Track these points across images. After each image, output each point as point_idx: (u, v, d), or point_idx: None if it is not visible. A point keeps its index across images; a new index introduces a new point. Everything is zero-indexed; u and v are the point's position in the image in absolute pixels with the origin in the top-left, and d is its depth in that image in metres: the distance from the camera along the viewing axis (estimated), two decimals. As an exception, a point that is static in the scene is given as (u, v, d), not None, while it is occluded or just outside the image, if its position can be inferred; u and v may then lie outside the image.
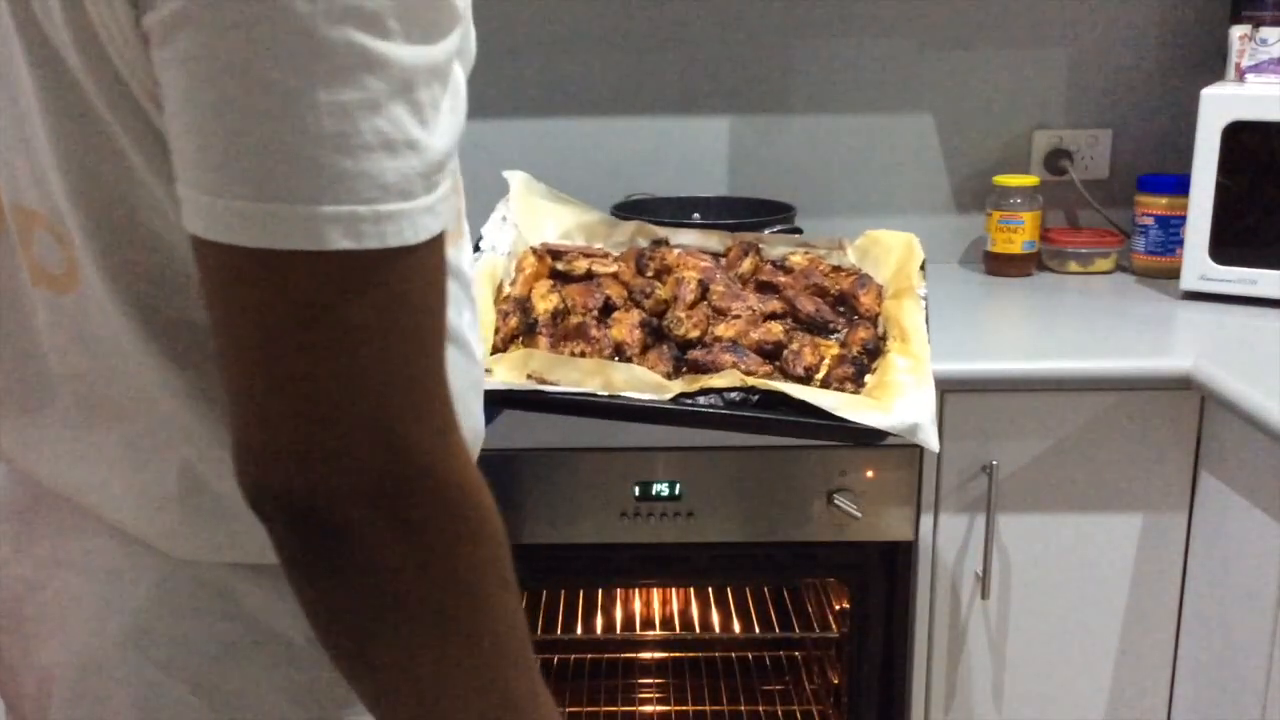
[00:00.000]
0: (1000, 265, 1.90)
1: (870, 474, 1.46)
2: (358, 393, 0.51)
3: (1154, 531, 1.48)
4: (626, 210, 1.80)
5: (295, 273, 0.50)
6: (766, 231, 1.57)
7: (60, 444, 0.68)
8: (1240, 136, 1.64)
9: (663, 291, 1.26)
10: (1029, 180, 1.88)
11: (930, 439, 1.04)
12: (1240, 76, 1.71)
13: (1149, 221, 1.85)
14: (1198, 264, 1.69)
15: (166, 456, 0.64)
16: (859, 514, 1.45)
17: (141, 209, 0.59)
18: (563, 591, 1.89)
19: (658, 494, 1.47)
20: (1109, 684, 1.53)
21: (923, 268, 1.32)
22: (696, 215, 1.82)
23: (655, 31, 1.92)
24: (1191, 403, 1.44)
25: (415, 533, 0.54)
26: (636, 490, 1.47)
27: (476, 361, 0.73)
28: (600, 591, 1.92)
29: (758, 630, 1.87)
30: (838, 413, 1.04)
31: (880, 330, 1.22)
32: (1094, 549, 1.49)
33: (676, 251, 1.36)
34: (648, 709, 1.86)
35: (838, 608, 1.71)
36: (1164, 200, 1.83)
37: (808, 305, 1.24)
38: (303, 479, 0.52)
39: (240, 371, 0.52)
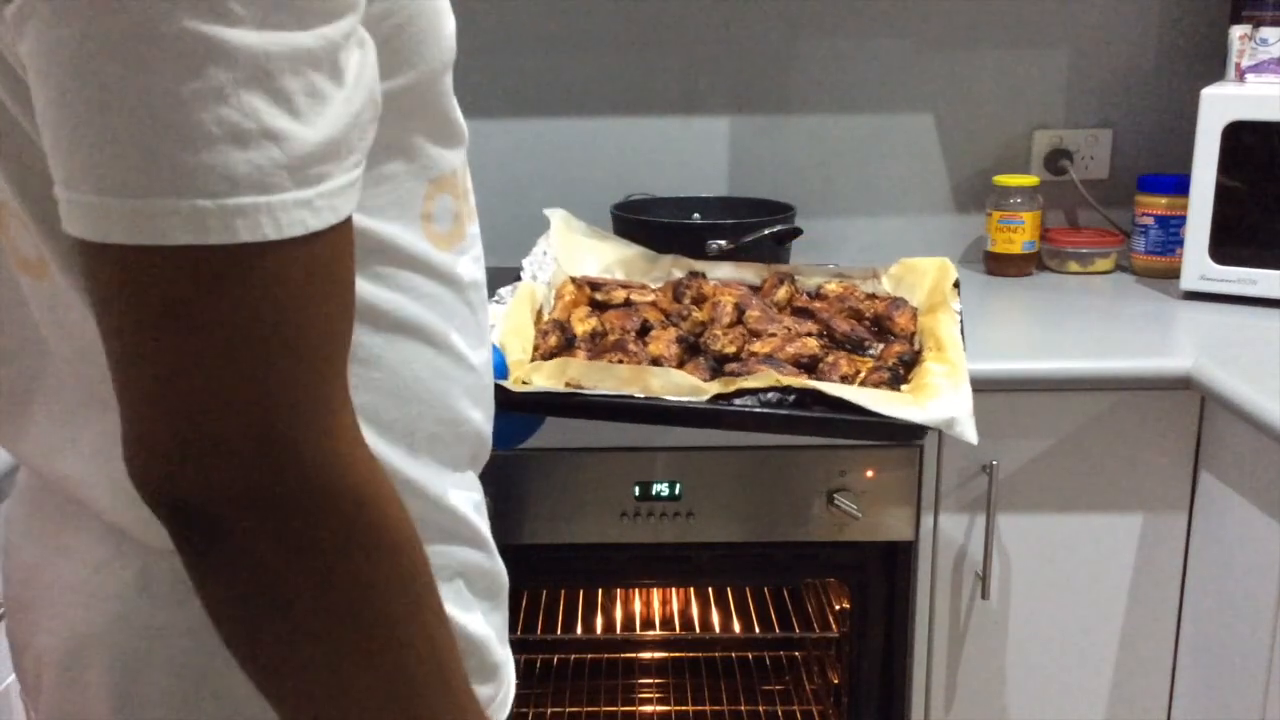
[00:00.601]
0: (1000, 265, 1.90)
1: (870, 474, 1.46)
2: (225, 390, 0.50)
3: (1154, 531, 1.48)
4: (627, 210, 1.80)
5: (146, 268, 0.48)
6: (766, 231, 1.60)
7: (47, 433, 0.68)
8: (1240, 136, 1.64)
9: (700, 314, 1.29)
10: (1029, 180, 1.88)
11: (969, 432, 1.03)
12: (1240, 76, 1.71)
13: (1149, 221, 1.85)
14: (1198, 264, 1.69)
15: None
16: (859, 514, 1.45)
17: None
18: (563, 591, 1.89)
19: (658, 494, 1.47)
20: (1109, 684, 1.54)
21: (956, 285, 1.33)
22: (697, 215, 1.82)
23: (655, 31, 1.92)
24: (1191, 403, 1.44)
25: (294, 539, 0.52)
26: (636, 490, 1.47)
27: (473, 368, 0.72)
28: (600, 591, 1.92)
29: (758, 630, 1.87)
30: (873, 408, 1.03)
31: (916, 345, 1.22)
32: (1094, 549, 1.49)
33: (713, 283, 1.39)
34: (648, 709, 1.86)
35: (838, 608, 1.71)
36: (1164, 200, 1.83)
37: (843, 325, 1.25)
38: (174, 477, 0.51)
39: (116, 369, 0.51)
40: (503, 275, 1.90)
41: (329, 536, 0.52)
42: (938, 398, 1.05)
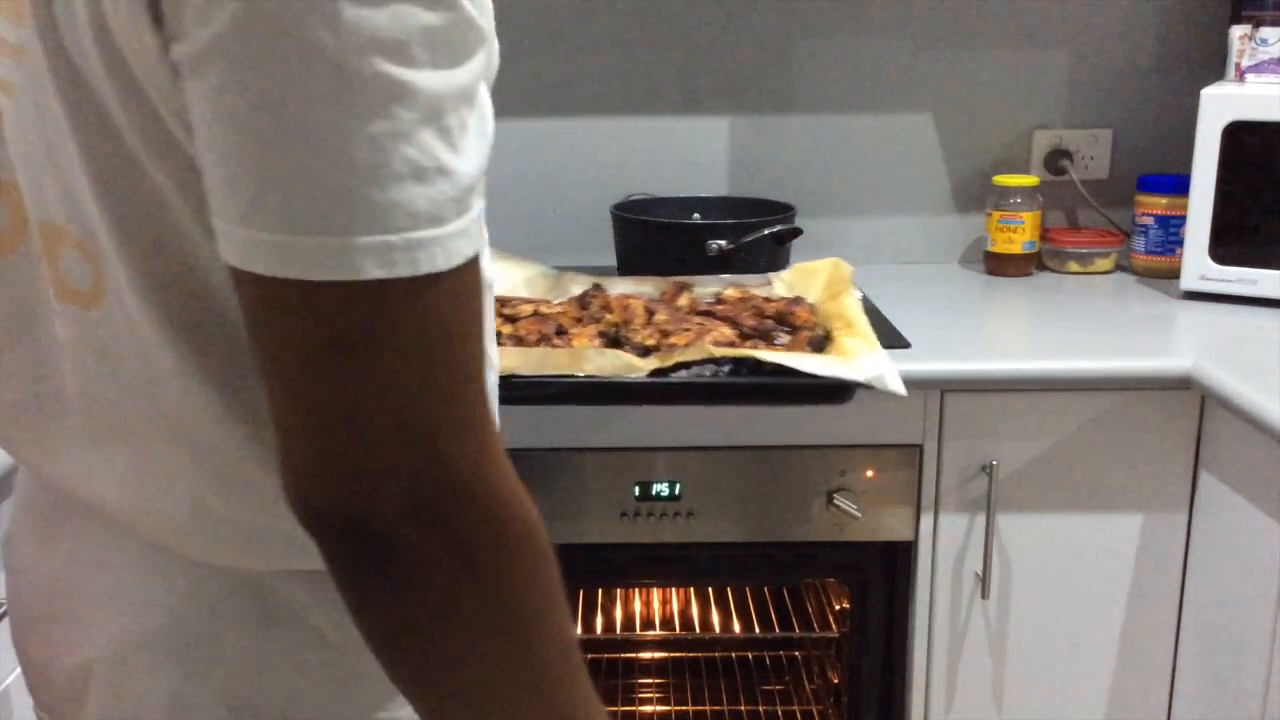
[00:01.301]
0: (1000, 265, 1.90)
1: (870, 474, 1.46)
2: (398, 414, 0.52)
3: (1154, 531, 1.48)
4: (628, 210, 1.80)
5: (331, 301, 0.50)
6: (766, 231, 1.62)
7: (77, 457, 0.68)
8: (1240, 136, 1.64)
9: (613, 316, 1.34)
10: (1029, 180, 1.88)
11: (897, 385, 1.12)
12: (1240, 76, 1.71)
13: (1149, 221, 1.85)
14: (1198, 264, 1.69)
15: (177, 482, 0.65)
16: (859, 514, 1.45)
17: (171, 230, 0.59)
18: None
19: (658, 494, 1.47)
20: (1109, 684, 1.54)
21: (850, 278, 1.38)
22: (697, 215, 1.82)
23: (655, 31, 1.92)
24: (1191, 403, 1.44)
25: (460, 548, 0.54)
26: (636, 490, 1.47)
27: (494, 365, 0.74)
28: (600, 591, 1.92)
29: (758, 630, 1.88)
30: (810, 370, 1.11)
31: (821, 332, 1.29)
32: (1094, 549, 1.49)
33: (616, 294, 1.42)
34: (648, 709, 1.86)
35: (838, 608, 1.71)
36: (1164, 200, 1.83)
37: (750, 320, 1.30)
38: (348, 500, 0.52)
39: (283, 398, 0.53)
40: (503, 275, 1.91)
41: (490, 545, 0.55)
42: (863, 358, 1.14)
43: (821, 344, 1.25)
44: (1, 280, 0.68)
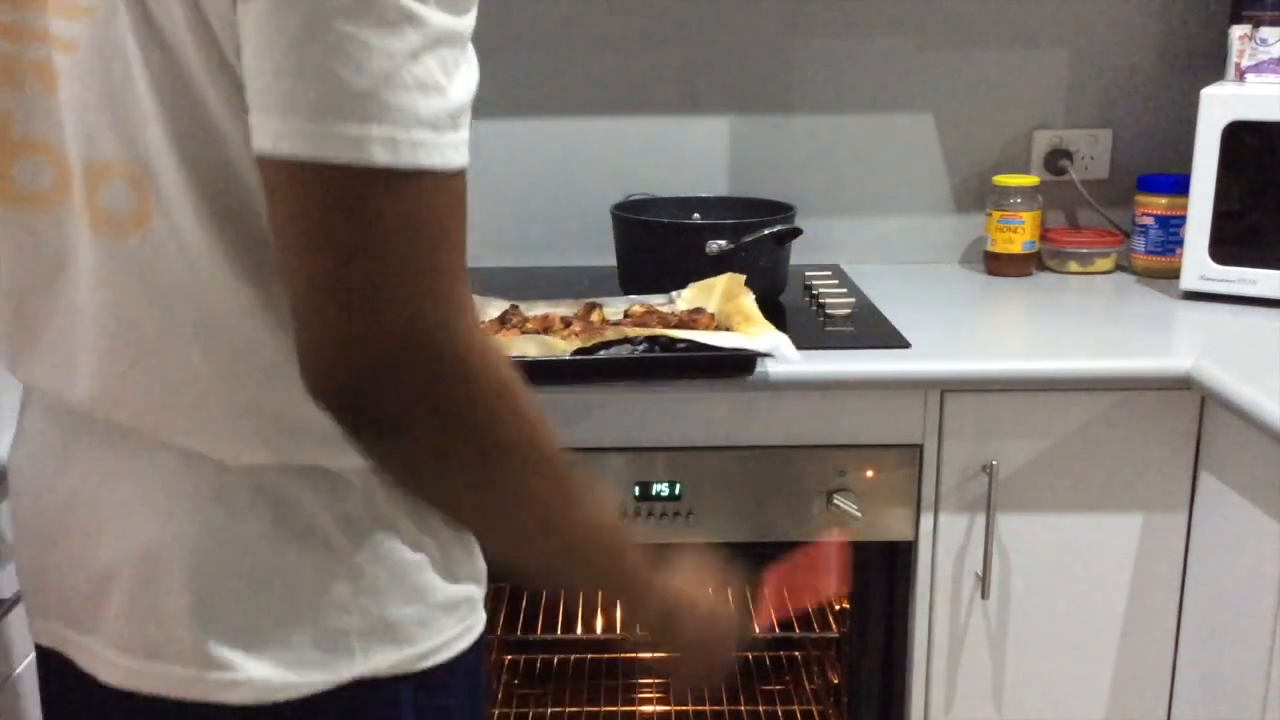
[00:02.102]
0: (1000, 265, 1.90)
1: (870, 474, 1.46)
2: (391, 290, 0.63)
3: (1154, 531, 1.49)
4: (628, 210, 1.80)
5: (341, 182, 0.61)
6: (766, 231, 1.63)
7: (106, 380, 0.76)
8: (1240, 136, 1.64)
9: (533, 325, 1.46)
10: (1029, 180, 1.88)
11: (793, 353, 1.30)
12: (1240, 76, 1.71)
13: (1149, 221, 1.85)
14: (1198, 264, 1.70)
15: (209, 382, 0.74)
16: (859, 514, 1.45)
17: (222, 147, 0.69)
18: (563, 591, 1.89)
19: (658, 494, 1.47)
20: (1109, 684, 1.54)
21: (746, 284, 1.52)
22: (696, 215, 1.82)
23: (655, 31, 1.92)
24: (1191, 403, 1.44)
25: (446, 398, 0.66)
26: (636, 490, 1.47)
27: None
28: (600, 592, 1.92)
29: (757, 630, 1.87)
30: (715, 344, 1.29)
31: (724, 330, 1.44)
32: (1094, 549, 1.49)
33: (533, 315, 1.53)
34: (647, 709, 1.86)
35: (838, 608, 1.71)
36: (1164, 200, 1.83)
37: (656, 325, 1.42)
38: (349, 371, 0.63)
39: (295, 278, 0.64)
40: (501, 275, 1.91)
41: (482, 392, 0.67)
42: (761, 336, 1.32)
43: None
44: (42, 232, 0.77)
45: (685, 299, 1.58)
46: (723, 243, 1.63)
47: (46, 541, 0.82)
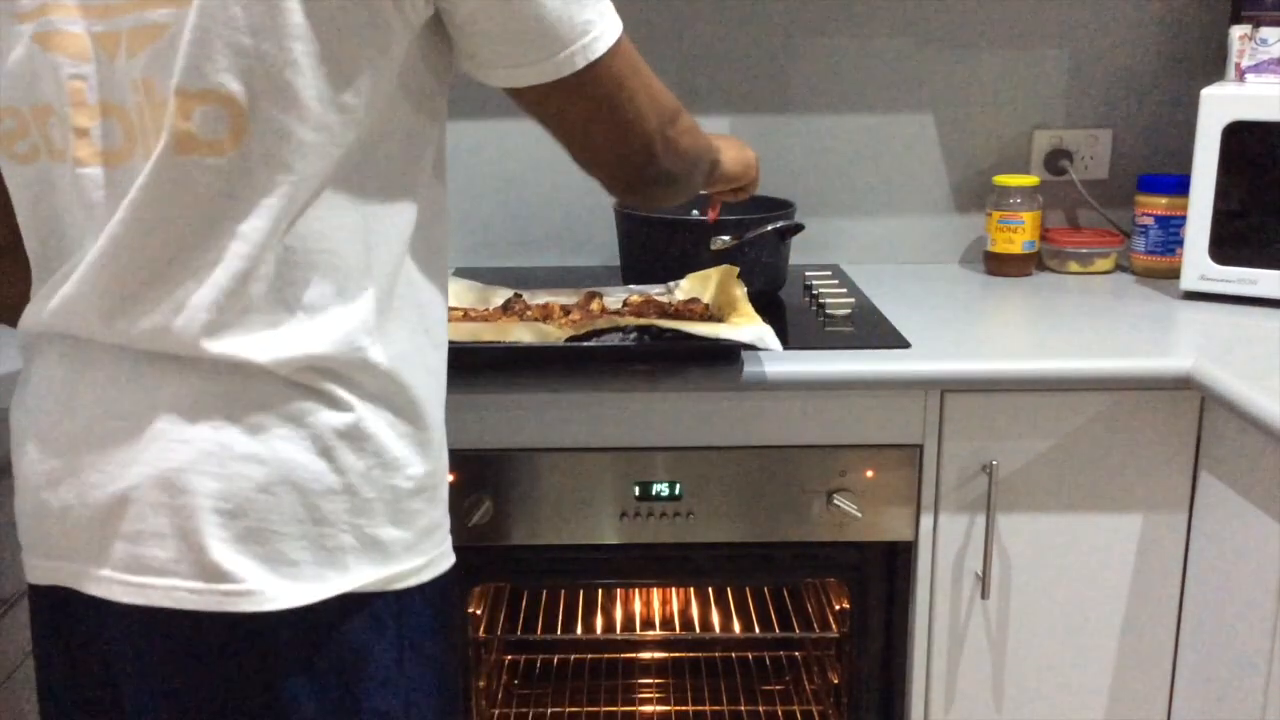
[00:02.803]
0: (1000, 265, 1.90)
1: (870, 474, 1.46)
2: (637, 129, 0.97)
3: (1154, 531, 1.49)
4: (631, 207, 1.80)
5: (578, 84, 0.91)
6: (769, 227, 1.67)
7: (141, 300, 0.86)
8: (1240, 136, 1.64)
9: (534, 313, 1.53)
10: (1029, 180, 1.88)
11: (775, 344, 1.34)
12: (1240, 76, 1.71)
13: (1149, 221, 1.85)
14: (1198, 264, 1.70)
15: (259, 291, 0.85)
16: (859, 514, 1.45)
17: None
18: (563, 591, 1.89)
19: (658, 494, 1.47)
20: (1109, 684, 1.54)
21: (739, 277, 1.58)
22: (695, 212, 1.83)
23: (655, 31, 1.92)
24: (1191, 403, 1.44)
25: (671, 170, 1.04)
26: (636, 490, 1.47)
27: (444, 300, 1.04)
28: (600, 591, 1.92)
29: (758, 630, 1.88)
30: (702, 333, 1.35)
31: (716, 320, 1.48)
32: (1094, 549, 1.49)
33: (535, 303, 1.59)
34: (648, 709, 1.86)
35: (838, 608, 1.71)
36: (1164, 200, 1.83)
37: (653, 314, 1.49)
38: (634, 181, 1.03)
39: (581, 151, 0.99)
40: (502, 275, 1.91)
41: (678, 162, 1.05)
42: (746, 327, 1.37)
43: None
44: (111, 185, 0.86)
45: (683, 289, 1.62)
46: (726, 238, 1.64)
47: (53, 482, 0.90)
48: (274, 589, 0.86)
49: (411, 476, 0.94)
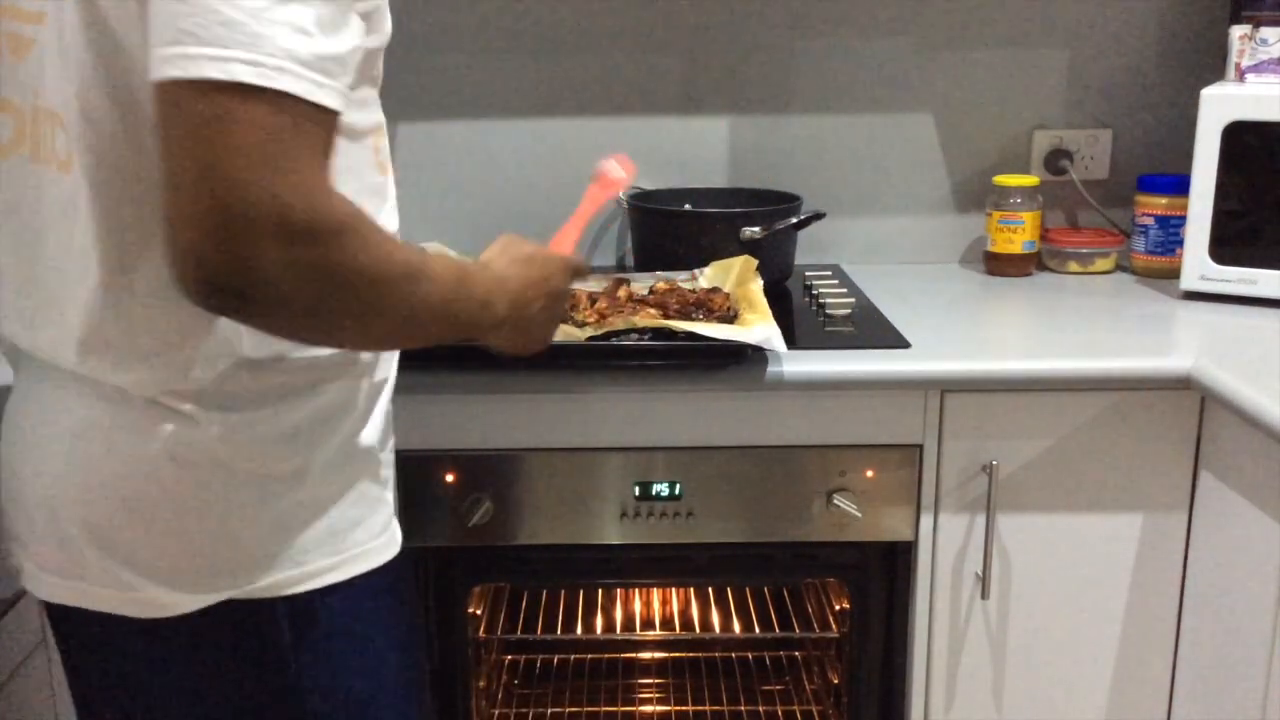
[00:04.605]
0: (1000, 265, 1.90)
1: (870, 474, 1.46)
2: (245, 178, 0.71)
3: (1154, 531, 1.48)
4: (643, 201, 1.84)
5: (210, 97, 0.71)
6: (793, 219, 1.74)
7: (23, 310, 0.92)
8: (1240, 136, 1.64)
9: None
10: (1029, 180, 1.88)
11: (780, 345, 1.35)
12: (1240, 76, 1.71)
13: (1149, 221, 1.85)
14: (1198, 264, 1.70)
15: (125, 308, 0.87)
16: (859, 514, 1.45)
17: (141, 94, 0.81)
18: (563, 591, 1.89)
19: (658, 494, 1.47)
20: (1109, 684, 1.54)
21: (758, 270, 1.61)
22: (688, 205, 1.86)
23: (655, 31, 1.92)
24: (1191, 403, 1.44)
25: (291, 263, 0.73)
26: (636, 490, 1.47)
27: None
28: (600, 591, 1.92)
29: (758, 630, 1.88)
30: (711, 335, 1.37)
31: (731, 314, 1.50)
32: (1094, 549, 1.49)
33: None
34: (648, 709, 1.86)
35: (838, 608, 1.71)
36: (1164, 200, 1.83)
37: (675, 305, 1.51)
38: (212, 250, 0.71)
39: (169, 186, 0.72)
40: (503, 275, 1.91)
41: (314, 250, 0.74)
42: (754, 328, 1.39)
43: (730, 322, 1.47)
44: (7, 175, 0.90)
45: (706, 277, 1.66)
46: (756, 229, 1.70)
47: (9, 476, 0.97)
48: (163, 597, 0.92)
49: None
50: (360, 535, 0.97)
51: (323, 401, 0.93)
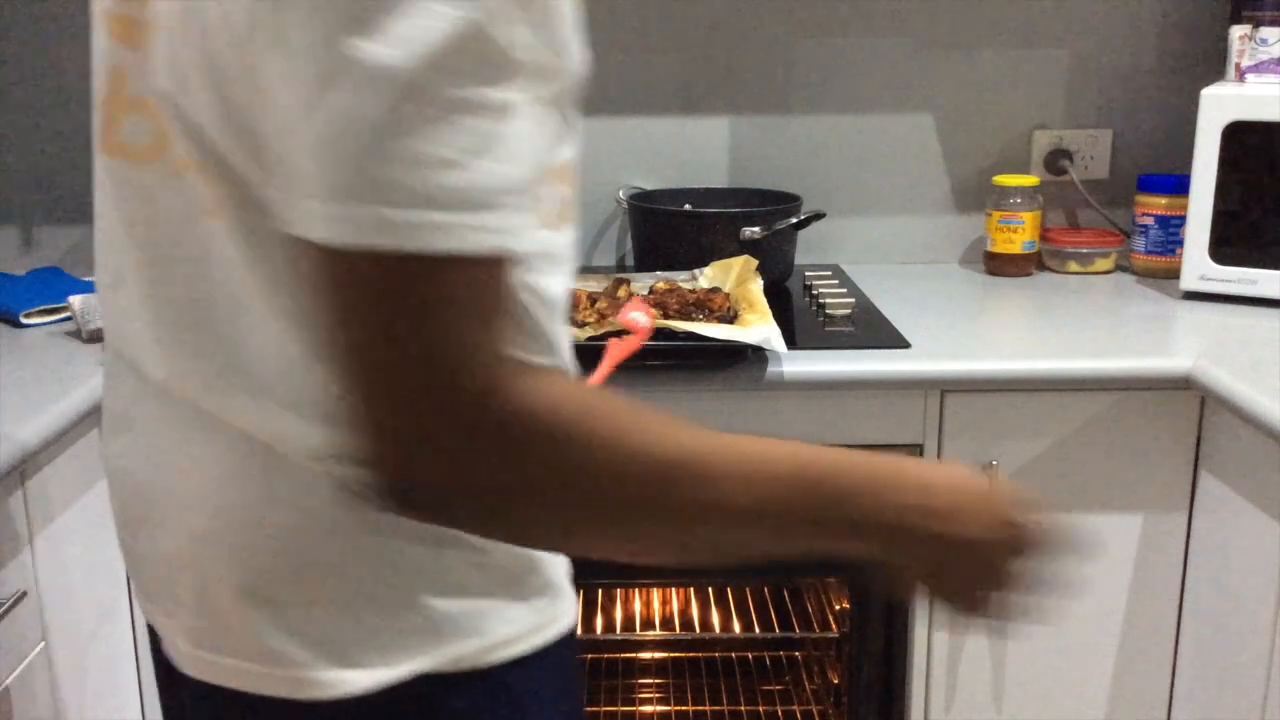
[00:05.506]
0: (1000, 265, 1.90)
1: (870, 474, 1.45)
2: (416, 378, 0.58)
3: (1154, 531, 1.48)
4: (639, 199, 1.84)
5: (362, 269, 0.57)
6: (793, 219, 1.74)
7: (172, 346, 0.74)
8: (1240, 136, 1.64)
9: None
10: (1029, 180, 1.88)
11: (780, 345, 1.36)
12: (1240, 76, 1.71)
13: (1149, 221, 1.85)
14: (1198, 264, 1.69)
15: (295, 366, 0.71)
16: (859, 514, 1.45)
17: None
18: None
19: (658, 494, 1.47)
20: (1109, 684, 1.54)
21: (758, 270, 1.62)
22: (688, 205, 1.85)
23: (655, 31, 1.92)
24: (1191, 403, 1.44)
25: (497, 471, 0.59)
26: (636, 490, 1.46)
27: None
28: (600, 591, 1.92)
29: (758, 630, 1.88)
30: (711, 335, 1.39)
31: (731, 314, 1.52)
32: (1094, 549, 1.49)
33: None
34: (648, 709, 1.86)
35: (838, 608, 1.71)
36: (1164, 200, 1.83)
37: (675, 305, 1.52)
38: (412, 471, 0.60)
39: (341, 375, 0.60)
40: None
41: (526, 460, 0.60)
42: (754, 328, 1.40)
43: (730, 322, 1.48)
44: (138, 189, 0.73)
45: (707, 277, 1.67)
46: (756, 230, 1.70)
47: (130, 523, 0.82)
48: (331, 676, 0.75)
49: None
50: (540, 602, 0.84)
51: None
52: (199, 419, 0.75)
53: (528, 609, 0.80)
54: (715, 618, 1.91)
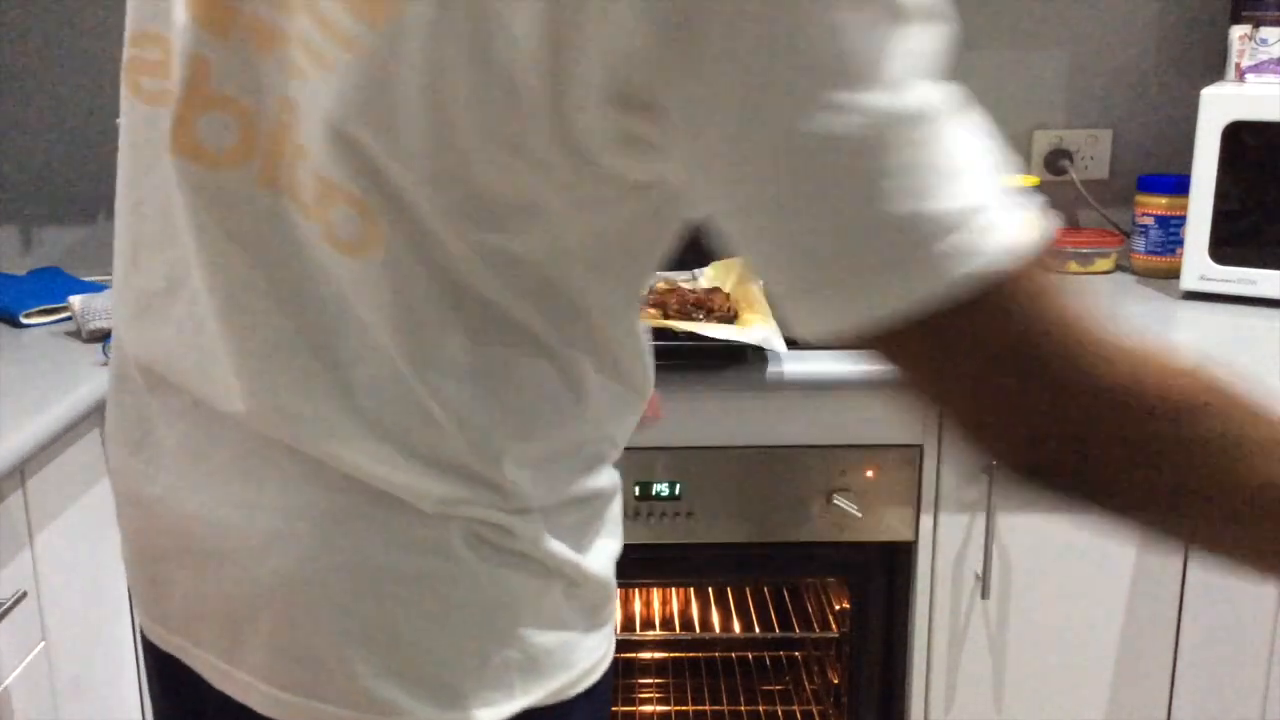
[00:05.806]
0: (1000, 265, 1.89)
1: (870, 474, 1.46)
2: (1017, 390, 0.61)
3: (1154, 531, 1.48)
4: None
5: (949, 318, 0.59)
6: None
7: (264, 387, 0.70)
8: (1240, 136, 1.64)
9: None
10: (1029, 180, 1.88)
11: (780, 345, 1.36)
12: (1240, 76, 1.71)
13: (1149, 221, 1.85)
14: (1198, 264, 1.69)
15: (408, 414, 0.68)
16: (859, 514, 1.45)
17: (480, 185, 0.63)
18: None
19: (658, 494, 1.47)
20: (1109, 684, 1.54)
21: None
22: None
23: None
24: (1191, 403, 1.44)
25: (1109, 429, 0.60)
26: (636, 490, 1.47)
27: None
28: None
29: (758, 630, 1.88)
30: (712, 335, 1.39)
31: (731, 314, 1.52)
32: (1094, 549, 1.49)
33: None
34: (648, 709, 1.86)
35: (838, 608, 1.71)
36: (1164, 200, 1.83)
37: (676, 305, 1.52)
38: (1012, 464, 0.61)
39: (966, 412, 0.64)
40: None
41: (1092, 425, 0.60)
42: (754, 328, 1.41)
43: (730, 322, 1.49)
44: (215, 195, 0.69)
45: (707, 276, 1.67)
46: None
47: (153, 552, 0.78)
48: (435, 718, 0.73)
49: None
50: (607, 630, 0.81)
51: (604, 481, 0.79)
52: (290, 458, 0.71)
53: (600, 638, 0.79)
54: (715, 618, 1.91)
